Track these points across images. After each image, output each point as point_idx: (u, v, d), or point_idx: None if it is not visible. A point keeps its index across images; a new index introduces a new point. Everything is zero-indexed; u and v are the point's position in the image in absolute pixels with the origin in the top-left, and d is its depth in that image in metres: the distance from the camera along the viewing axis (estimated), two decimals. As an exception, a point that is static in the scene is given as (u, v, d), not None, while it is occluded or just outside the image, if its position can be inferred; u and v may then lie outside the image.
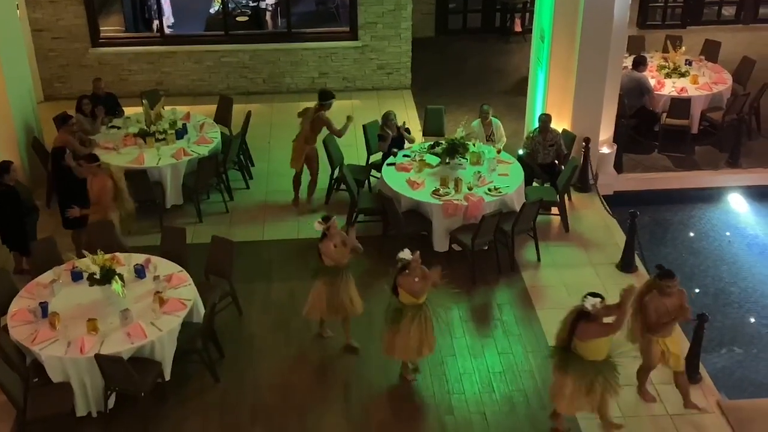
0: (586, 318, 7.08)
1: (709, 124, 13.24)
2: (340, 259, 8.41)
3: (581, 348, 7.20)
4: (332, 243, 8.37)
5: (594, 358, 7.20)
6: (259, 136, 13.07)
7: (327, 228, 8.36)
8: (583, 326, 7.10)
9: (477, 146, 10.97)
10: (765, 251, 11.19)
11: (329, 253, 8.39)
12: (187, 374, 8.47)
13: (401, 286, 7.88)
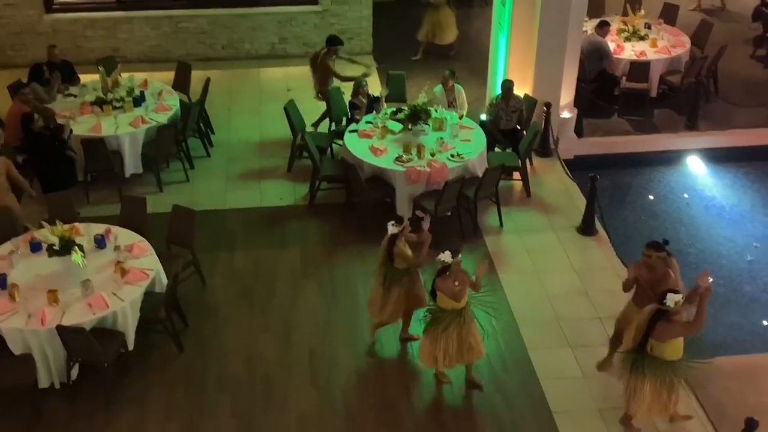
0: (665, 317, 6.84)
1: (668, 87, 13.37)
2: (409, 261, 8.07)
3: (659, 349, 6.96)
4: (402, 243, 8.03)
5: (672, 358, 7.02)
6: (219, 103, 12.92)
7: (401, 230, 8.02)
8: (662, 326, 6.85)
9: (439, 112, 10.96)
10: (722, 213, 11.38)
11: (402, 253, 8.01)
12: (151, 344, 8.43)
13: (440, 289, 7.51)
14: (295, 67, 14.28)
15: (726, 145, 12.51)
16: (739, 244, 10.69)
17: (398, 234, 8.01)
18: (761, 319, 9.43)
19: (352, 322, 8.87)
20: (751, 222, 11.16)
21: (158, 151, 10.92)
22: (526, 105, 11.43)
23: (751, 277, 10.09)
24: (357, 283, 9.41)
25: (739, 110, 12.97)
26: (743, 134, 12.60)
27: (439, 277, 7.52)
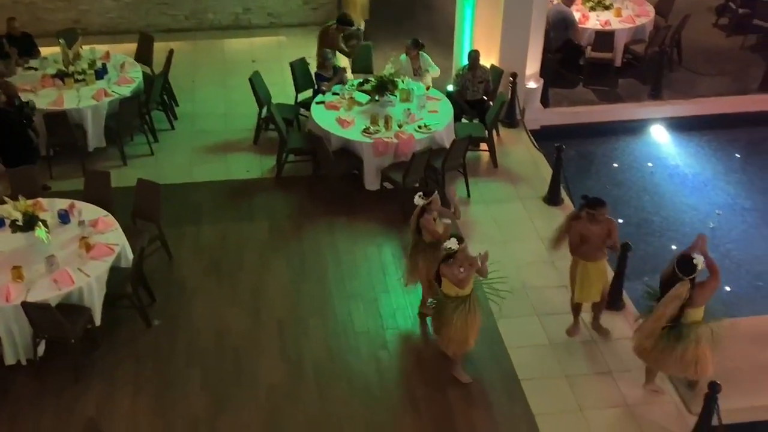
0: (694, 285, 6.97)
1: (632, 56, 13.45)
2: (436, 234, 7.93)
3: (694, 314, 7.12)
4: (432, 217, 7.95)
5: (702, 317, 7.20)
6: (183, 75, 12.75)
7: (428, 203, 7.92)
8: (699, 292, 7.00)
9: (406, 83, 10.92)
10: (685, 181, 11.52)
11: (430, 227, 7.92)
12: (118, 319, 8.37)
13: (445, 275, 7.38)
14: (259, 38, 14.15)
15: (689, 114, 12.64)
16: (701, 211, 10.84)
17: (426, 206, 7.91)
18: (723, 285, 9.56)
19: (322, 294, 8.88)
20: (713, 190, 11.32)
21: (122, 125, 10.78)
22: (492, 75, 11.43)
23: (713, 244, 10.18)
24: (326, 256, 9.41)
25: (702, 79, 13.09)
26: (706, 103, 12.74)
27: (444, 263, 7.36)
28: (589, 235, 7.76)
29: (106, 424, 7.23)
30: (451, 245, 7.28)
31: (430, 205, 7.93)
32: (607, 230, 7.81)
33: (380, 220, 9.99)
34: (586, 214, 7.78)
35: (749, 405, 7.61)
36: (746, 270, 9.83)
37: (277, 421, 7.46)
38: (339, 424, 7.42)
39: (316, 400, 7.68)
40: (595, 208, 7.70)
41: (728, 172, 11.73)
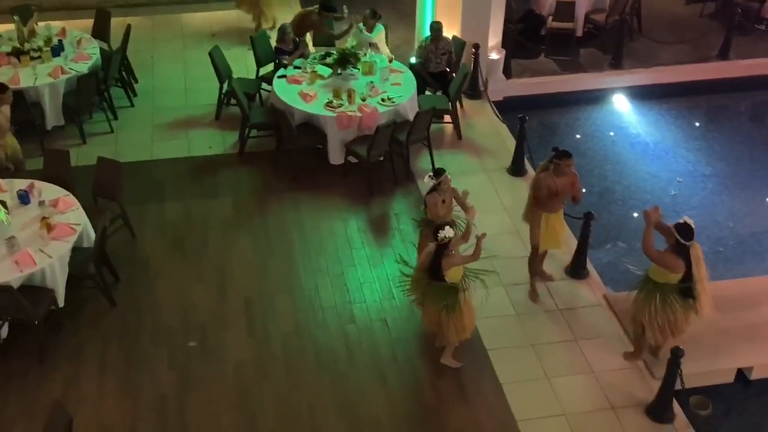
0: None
1: (593, 26, 13.50)
2: (444, 216, 7.76)
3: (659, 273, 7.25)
4: (441, 198, 7.77)
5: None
6: (141, 50, 12.55)
7: (438, 183, 7.75)
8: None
9: (369, 56, 10.86)
10: (647, 149, 11.64)
11: (433, 207, 7.78)
12: (82, 300, 8.29)
13: (446, 267, 7.11)
14: (219, 12, 13.95)
15: (650, 83, 12.76)
16: (663, 179, 10.98)
17: (437, 186, 7.76)
18: (685, 251, 9.74)
19: (288, 270, 8.86)
20: (674, 157, 11.46)
21: (80, 102, 10.60)
22: (454, 47, 11.41)
23: (675, 211, 10.34)
24: (291, 231, 9.38)
25: (662, 47, 13.18)
26: (667, 71, 12.85)
27: (444, 256, 7.07)
28: (555, 188, 7.92)
29: (72, 405, 7.16)
30: (448, 234, 6.99)
31: (440, 185, 7.75)
32: (571, 182, 7.97)
33: (345, 195, 9.97)
34: (553, 166, 7.93)
35: (710, 369, 7.77)
36: (707, 236, 9.97)
37: (245, 397, 7.45)
38: (308, 398, 7.44)
39: (284, 375, 7.68)
40: (562, 158, 7.87)
41: (688, 140, 11.87)
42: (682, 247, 6.97)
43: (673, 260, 7.03)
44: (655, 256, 7.10)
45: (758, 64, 13.07)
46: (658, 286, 7.21)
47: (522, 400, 7.43)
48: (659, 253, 7.08)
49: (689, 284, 7.10)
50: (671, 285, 7.16)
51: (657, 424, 7.24)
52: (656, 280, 7.22)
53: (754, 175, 11.15)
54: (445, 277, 7.17)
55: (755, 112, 13.18)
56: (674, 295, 7.17)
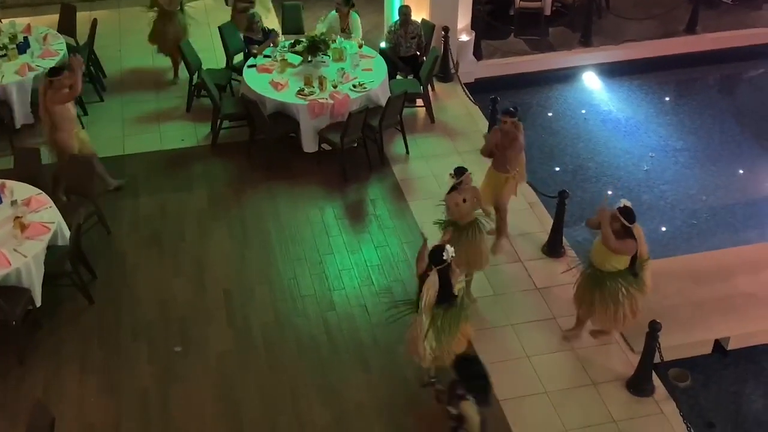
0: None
1: (561, 5, 13.55)
2: (463, 216, 7.60)
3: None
4: (462, 197, 7.53)
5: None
6: (108, 44, 12.43)
7: (459, 182, 7.51)
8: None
9: (339, 42, 10.82)
10: (618, 126, 11.72)
11: (453, 207, 7.56)
12: (60, 298, 8.23)
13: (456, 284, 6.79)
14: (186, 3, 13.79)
15: (619, 59, 12.85)
16: (635, 155, 11.07)
17: (457, 185, 7.53)
18: (659, 225, 9.85)
19: (266, 260, 8.85)
20: (646, 133, 11.55)
21: (48, 99, 10.47)
22: (424, 30, 11.40)
23: (648, 186, 10.49)
24: (268, 221, 9.36)
25: (630, 23, 13.26)
26: (635, 47, 12.94)
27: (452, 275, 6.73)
28: (498, 144, 8.26)
29: (54, 404, 7.13)
30: (451, 253, 6.64)
31: (461, 185, 7.54)
32: (510, 140, 8.22)
33: (321, 182, 9.96)
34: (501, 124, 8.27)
35: (688, 341, 7.87)
36: (680, 209, 10.11)
37: (228, 388, 7.45)
38: (291, 386, 7.45)
39: (266, 365, 7.69)
40: (504, 115, 8.21)
41: (659, 115, 11.97)
42: (628, 230, 6.99)
43: (630, 244, 7.04)
44: (618, 248, 7.04)
45: (725, 37, 13.20)
46: (618, 274, 7.22)
47: (503, 380, 7.45)
48: (619, 243, 7.02)
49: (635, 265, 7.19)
50: (621, 271, 7.20)
51: (637, 398, 7.32)
52: (612, 269, 7.20)
53: (724, 147, 11.28)
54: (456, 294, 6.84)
55: (724, 84, 13.32)
56: (631, 279, 7.23)
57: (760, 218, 10.00)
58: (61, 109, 8.82)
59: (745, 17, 13.69)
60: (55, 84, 8.78)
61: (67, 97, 8.82)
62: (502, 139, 8.28)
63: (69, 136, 8.97)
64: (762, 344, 8.11)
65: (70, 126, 8.99)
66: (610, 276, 7.23)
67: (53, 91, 8.78)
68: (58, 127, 8.89)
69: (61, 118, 8.85)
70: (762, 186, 10.61)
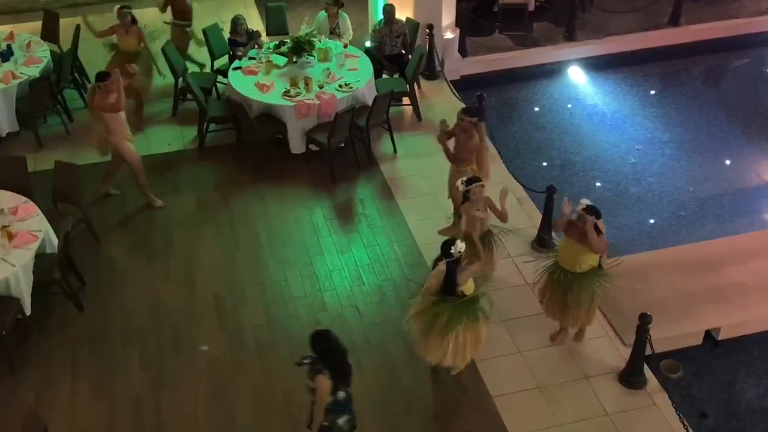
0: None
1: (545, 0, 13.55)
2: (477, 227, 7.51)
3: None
4: (475, 207, 7.49)
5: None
6: (92, 50, 12.32)
7: (467, 191, 7.44)
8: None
9: (323, 42, 10.81)
10: (604, 119, 11.75)
11: (469, 218, 7.44)
12: (49, 307, 8.20)
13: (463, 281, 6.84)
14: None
15: (604, 53, 12.87)
16: (622, 148, 11.10)
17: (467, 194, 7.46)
18: (648, 217, 9.89)
19: (256, 262, 8.83)
20: (632, 126, 11.58)
21: (33, 107, 10.43)
22: (408, 28, 11.40)
23: (635, 179, 10.53)
24: (257, 223, 9.34)
25: (613, 17, 13.29)
26: (619, 41, 12.97)
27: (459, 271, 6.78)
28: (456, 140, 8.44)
29: (46, 412, 7.10)
30: (460, 248, 6.71)
31: (470, 193, 7.44)
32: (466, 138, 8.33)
33: (309, 183, 9.95)
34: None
35: (679, 332, 7.91)
36: (668, 201, 10.14)
37: (221, 391, 7.44)
38: (284, 389, 7.44)
39: (258, 368, 7.67)
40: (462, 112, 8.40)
41: (645, 107, 12.01)
42: (596, 227, 6.99)
43: (604, 240, 7.11)
44: (603, 247, 7.09)
45: (708, 29, 13.24)
46: (583, 276, 7.21)
47: (496, 376, 7.50)
48: (601, 242, 7.03)
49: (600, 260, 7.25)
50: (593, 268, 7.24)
51: (630, 390, 7.36)
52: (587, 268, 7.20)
53: (711, 138, 11.32)
54: (462, 292, 6.89)
55: (708, 75, 13.36)
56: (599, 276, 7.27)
57: (747, 208, 10.05)
58: (110, 115, 8.84)
59: (728, 8, 13.74)
60: (102, 89, 8.77)
61: (112, 107, 8.80)
62: (459, 135, 8.41)
63: (120, 140, 9.02)
64: (752, 333, 8.15)
65: (121, 130, 9.02)
66: (582, 276, 7.20)
67: (101, 96, 8.80)
68: (109, 131, 8.96)
69: (112, 122, 8.90)
70: (749, 176, 10.66)
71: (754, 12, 13.64)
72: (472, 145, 8.36)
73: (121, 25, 10.79)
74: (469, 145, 8.35)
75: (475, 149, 8.40)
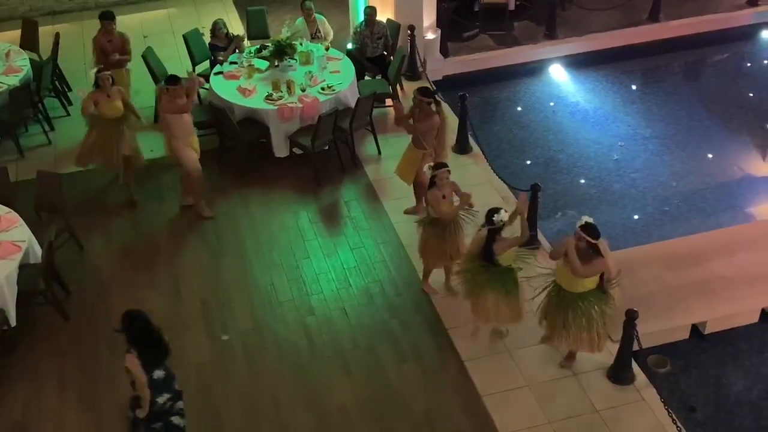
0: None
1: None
2: (445, 213, 7.60)
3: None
4: (441, 194, 7.55)
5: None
6: (73, 58, 12.31)
7: (434, 175, 7.51)
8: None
9: (305, 45, 10.79)
10: (587, 117, 11.79)
11: (437, 204, 7.55)
12: (35, 317, 8.14)
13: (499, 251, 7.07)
14: (149, 12, 13.74)
15: (585, 51, 12.92)
16: (605, 145, 11.13)
17: (435, 179, 7.52)
18: (632, 213, 9.93)
19: (242, 268, 8.80)
20: (614, 122, 11.63)
21: (14, 116, 10.36)
22: (390, 30, 11.40)
23: (618, 175, 10.56)
24: (242, 228, 9.31)
25: (593, 14, 13.34)
26: (600, 38, 13.02)
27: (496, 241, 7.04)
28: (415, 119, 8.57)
29: (34, 424, 7.06)
30: (502, 217, 6.93)
31: (436, 178, 7.52)
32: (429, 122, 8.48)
33: (294, 187, 9.93)
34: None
35: (666, 327, 7.93)
36: (652, 197, 10.18)
37: (209, 398, 7.40)
38: (272, 394, 7.42)
39: (246, 373, 7.64)
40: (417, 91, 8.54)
41: (627, 104, 12.06)
42: (594, 247, 6.72)
43: (598, 264, 6.78)
44: (587, 272, 6.80)
45: (687, 24, 13.33)
46: (582, 296, 7.00)
47: (485, 376, 7.50)
48: (587, 268, 6.76)
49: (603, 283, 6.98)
50: (591, 290, 7.00)
51: (619, 386, 7.38)
52: (583, 290, 6.99)
53: (692, 133, 11.38)
54: (498, 262, 7.09)
55: (688, 71, 13.43)
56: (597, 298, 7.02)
57: (730, 201, 10.10)
58: (174, 117, 8.78)
59: (707, 3, 13.83)
60: (171, 92, 8.73)
61: (178, 109, 8.76)
62: (417, 116, 8.55)
63: (182, 144, 8.96)
64: (738, 326, 8.19)
65: (184, 135, 8.96)
66: (581, 296, 7.01)
67: (167, 99, 8.75)
68: (171, 134, 8.91)
69: (174, 125, 8.84)
70: (731, 169, 10.72)
71: (733, 6, 13.75)
72: (430, 126, 8.48)
73: (102, 90, 9.23)
74: (427, 125, 8.48)
75: (434, 129, 8.53)
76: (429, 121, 8.47)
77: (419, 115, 8.53)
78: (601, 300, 7.05)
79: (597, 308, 7.04)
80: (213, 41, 10.98)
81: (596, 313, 7.04)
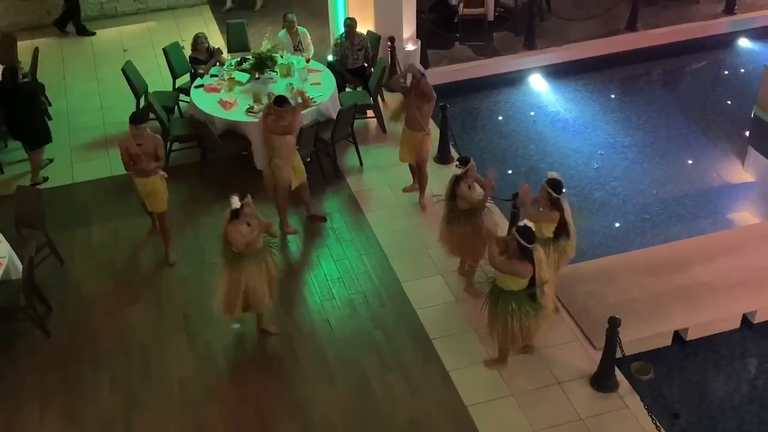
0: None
1: (504, 9, 13.68)
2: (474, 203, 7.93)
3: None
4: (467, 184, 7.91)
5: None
6: (52, 73, 12.26)
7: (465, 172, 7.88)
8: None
9: (285, 58, 10.80)
10: (567, 126, 11.87)
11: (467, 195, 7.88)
12: (15, 333, 8.07)
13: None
14: (128, 26, 13.73)
15: (564, 60, 13.02)
16: (585, 153, 11.20)
17: (462, 176, 7.87)
18: (613, 221, 9.98)
19: (224, 281, 8.75)
20: (594, 131, 11.70)
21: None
22: (370, 41, 11.43)
23: (599, 183, 10.63)
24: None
25: (572, 24, 13.45)
26: (578, 48, 13.13)
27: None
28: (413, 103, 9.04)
29: (16, 442, 6.99)
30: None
31: (467, 174, 7.87)
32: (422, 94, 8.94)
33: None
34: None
35: (648, 334, 7.97)
36: (633, 205, 10.25)
37: (193, 413, 7.35)
38: (255, 407, 7.38)
39: (230, 387, 7.60)
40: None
41: (606, 113, 12.14)
42: (525, 250, 6.77)
43: (521, 266, 6.83)
44: (503, 266, 6.88)
45: (665, 33, 13.47)
46: (512, 294, 7.02)
47: (470, 385, 7.50)
48: (506, 262, 6.85)
49: (534, 289, 6.99)
50: (523, 291, 7.01)
51: (602, 394, 7.40)
52: (507, 288, 7.03)
53: (671, 141, 11.47)
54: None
55: (666, 79, 13.56)
56: (527, 301, 7.04)
57: (710, 208, 10.19)
58: (278, 138, 8.73)
59: (684, 11, 13.99)
60: (276, 113, 8.66)
61: (283, 130, 8.69)
62: (416, 99, 8.96)
63: (282, 164, 8.87)
64: (719, 332, 8.24)
65: (287, 155, 8.89)
66: (504, 294, 7.06)
67: (273, 119, 8.69)
68: (275, 154, 8.84)
69: (278, 146, 8.78)
70: (710, 176, 10.81)
71: (709, 15, 13.92)
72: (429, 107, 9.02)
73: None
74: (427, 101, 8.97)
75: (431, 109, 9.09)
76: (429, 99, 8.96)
77: (416, 99, 8.94)
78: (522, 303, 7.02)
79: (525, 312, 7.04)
80: (194, 54, 10.97)
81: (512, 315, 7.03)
